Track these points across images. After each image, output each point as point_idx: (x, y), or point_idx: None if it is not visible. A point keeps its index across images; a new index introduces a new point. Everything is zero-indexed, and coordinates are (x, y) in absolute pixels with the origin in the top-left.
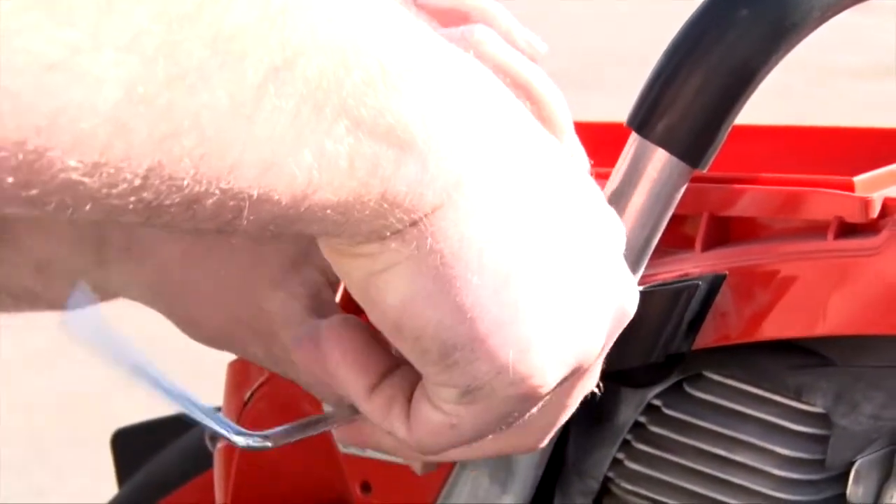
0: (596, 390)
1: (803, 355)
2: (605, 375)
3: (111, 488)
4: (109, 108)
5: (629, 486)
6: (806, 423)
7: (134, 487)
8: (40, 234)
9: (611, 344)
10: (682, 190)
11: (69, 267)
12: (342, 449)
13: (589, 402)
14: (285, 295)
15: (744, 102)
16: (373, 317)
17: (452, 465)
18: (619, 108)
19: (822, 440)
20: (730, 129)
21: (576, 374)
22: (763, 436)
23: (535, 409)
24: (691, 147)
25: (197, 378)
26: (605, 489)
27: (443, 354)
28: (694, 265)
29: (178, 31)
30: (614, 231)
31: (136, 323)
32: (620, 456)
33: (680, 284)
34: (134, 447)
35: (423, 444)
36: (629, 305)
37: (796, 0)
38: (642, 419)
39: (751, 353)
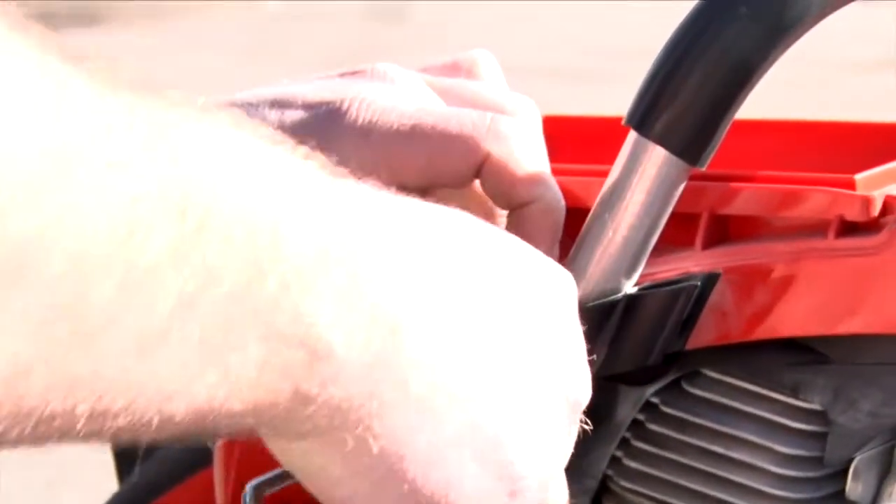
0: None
1: (801, 353)
2: (603, 374)
3: (115, 483)
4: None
5: (628, 485)
6: (804, 421)
7: (134, 484)
8: None
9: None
10: (681, 188)
11: None
12: None
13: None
14: None
15: (742, 100)
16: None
17: None
18: (621, 101)
19: (820, 437)
20: (729, 126)
21: None
22: (761, 433)
23: None
24: (690, 145)
25: None
26: (604, 487)
27: None
28: (694, 263)
29: (87, 281)
30: (569, 335)
31: None
32: (619, 454)
33: (678, 286)
34: (134, 443)
35: None
36: (583, 398)
37: None
38: (641, 417)
39: (748, 350)
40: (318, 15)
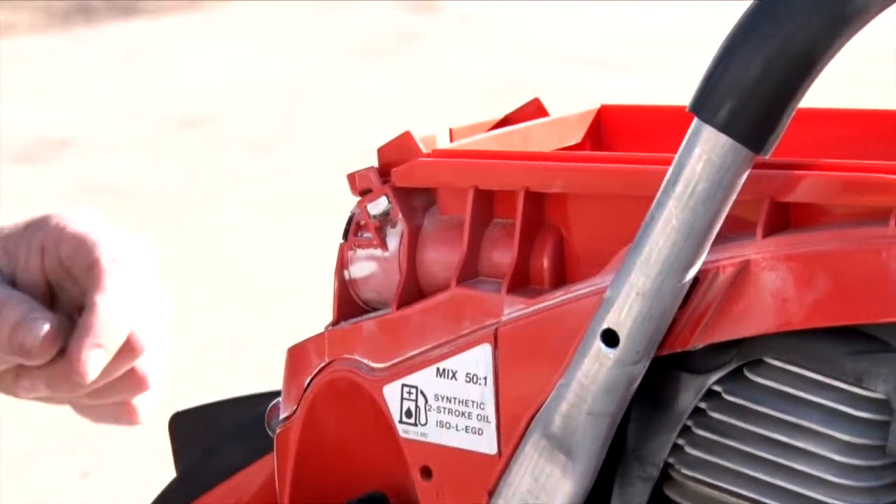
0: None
1: (863, 341)
2: (664, 361)
3: (154, 470)
4: None
5: (689, 472)
6: (866, 409)
7: (193, 470)
8: None
9: None
10: (745, 176)
11: None
12: (402, 434)
13: (649, 388)
14: None
15: (806, 88)
16: None
17: (513, 450)
18: (660, 89)
19: (882, 426)
20: (793, 114)
21: None
22: (823, 421)
23: None
24: (754, 133)
25: (240, 366)
26: (666, 475)
27: None
28: (755, 251)
29: None
30: None
31: (179, 307)
32: (681, 442)
33: None
34: (191, 430)
35: None
36: None
37: None
38: (702, 405)
39: (811, 338)
40: (352, 2)
